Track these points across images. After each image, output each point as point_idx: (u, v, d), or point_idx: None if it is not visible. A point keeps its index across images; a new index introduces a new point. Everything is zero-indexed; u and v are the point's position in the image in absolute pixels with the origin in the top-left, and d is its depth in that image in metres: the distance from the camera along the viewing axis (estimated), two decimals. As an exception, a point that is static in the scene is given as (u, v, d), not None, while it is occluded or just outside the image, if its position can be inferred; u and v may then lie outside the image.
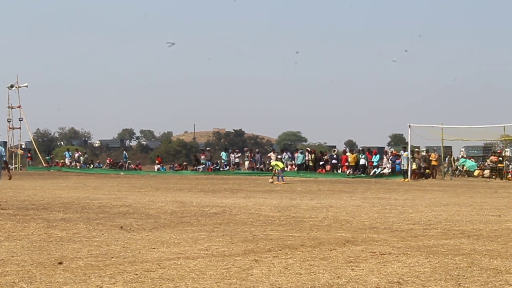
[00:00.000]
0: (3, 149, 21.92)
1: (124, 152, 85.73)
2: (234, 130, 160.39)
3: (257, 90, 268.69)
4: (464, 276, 10.68)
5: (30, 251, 12.99)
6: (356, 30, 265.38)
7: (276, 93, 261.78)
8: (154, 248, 13.48)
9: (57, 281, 9.93)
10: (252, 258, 12.27)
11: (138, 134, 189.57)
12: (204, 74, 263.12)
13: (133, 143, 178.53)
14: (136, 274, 10.56)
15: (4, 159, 21.85)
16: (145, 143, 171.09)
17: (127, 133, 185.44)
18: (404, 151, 53.12)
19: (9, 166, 22.89)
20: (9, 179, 22.85)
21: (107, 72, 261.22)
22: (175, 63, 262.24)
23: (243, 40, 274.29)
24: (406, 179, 50.32)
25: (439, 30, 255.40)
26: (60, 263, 8.69)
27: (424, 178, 52.26)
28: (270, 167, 52.94)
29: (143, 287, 9.49)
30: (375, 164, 56.09)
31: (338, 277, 10.45)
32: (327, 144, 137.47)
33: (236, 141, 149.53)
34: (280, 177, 45.34)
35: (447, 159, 55.84)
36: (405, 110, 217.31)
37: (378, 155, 56.98)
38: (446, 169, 55.28)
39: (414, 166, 52.53)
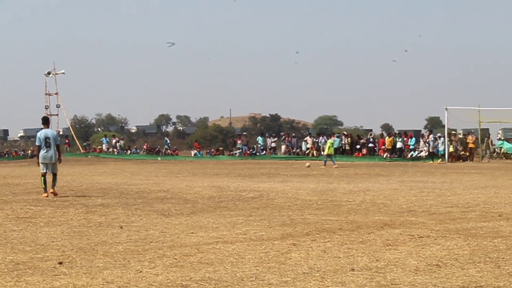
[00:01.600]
0: (56, 134, 21.93)
1: (166, 138, 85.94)
2: (270, 114, 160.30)
3: (292, 74, 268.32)
4: (503, 258, 10.61)
5: (70, 236, 13.08)
6: (396, 12, 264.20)
7: (311, 77, 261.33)
8: (192, 233, 13.51)
9: (97, 266, 9.99)
10: (290, 242, 12.27)
11: (174, 119, 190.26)
12: (238, 59, 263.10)
13: (170, 128, 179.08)
14: (175, 259, 10.59)
15: (58, 143, 21.72)
16: (181, 128, 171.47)
17: (164, 119, 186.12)
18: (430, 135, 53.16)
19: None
20: (59, 163, 22.48)
21: (143, 58, 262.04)
22: (211, 50, 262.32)
23: (277, 27, 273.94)
24: (431, 162, 49.99)
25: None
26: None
27: (461, 160, 51.96)
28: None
29: (182, 272, 9.51)
30: (411, 147, 55.84)
31: (376, 260, 10.42)
32: (363, 128, 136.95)
33: (272, 125, 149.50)
34: (326, 161, 45.12)
35: (484, 141, 55.42)
36: (442, 92, 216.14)
37: (414, 138, 56.72)
38: (484, 152, 54.87)
39: (451, 149, 52.25)
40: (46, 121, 22.22)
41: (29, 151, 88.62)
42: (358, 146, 59.40)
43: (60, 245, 12.06)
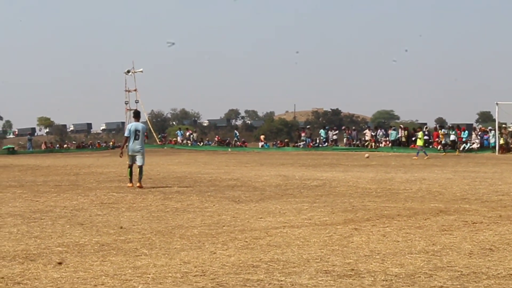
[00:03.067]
0: (144, 127, 21.74)
1: (235, 131, 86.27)
2: (331, 109, 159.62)
3: (352, 72, 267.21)
4: (553, 243, 10.46)
5: (149, 221, 13.19)
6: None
7: (370, 74, 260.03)
8: (261, 218, 13.54)
9: (175, 248, 10.06)
10: (352, 226, 12.23)
11: (243, 114, 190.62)
12: (304, 58, 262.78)
13: (239, 122, 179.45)
14: (246, 241, 10.63)
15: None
16: (249, 122, 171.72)
17: (233, 113, 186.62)
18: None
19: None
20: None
21: (215, 57, 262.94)
22: (279, 49, 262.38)
23: (336, 26, 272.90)
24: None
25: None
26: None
27: (511, 152, 51.22)
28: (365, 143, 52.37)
29: (252, 253, 9.53)
30: (464, 139, 55.22)
31: (433, 244, 10.33)
32: (418, 121, 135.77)
33: (333, 119, 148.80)
34: (418, 153, 44.67)
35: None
36: (493, 88, 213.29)
37: (467, 131, 56.07)
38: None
39: (501, 142, 51.55)
40: (137, 115, 21.93)
41: (111, 143, 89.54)
42: (414, 138, 58.87)
43: (140, 228, 12.18)
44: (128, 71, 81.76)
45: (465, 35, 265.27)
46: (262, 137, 78.55)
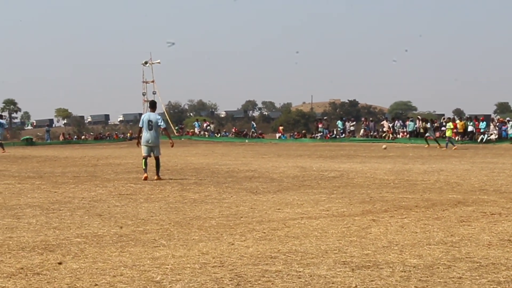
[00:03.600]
0: (160, 118, 21.43)
1: (252, 122, 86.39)
2: (348, 100, 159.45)
3: (368, 62, 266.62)
4: None
5: (167, 212, 13.22)
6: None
7: (386, 65, 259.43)
8: (279, 209, 13.54)
9: (193, 239, 10.08)
10: (370, 218, 12.21)
11: (260, 105, 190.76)
12: (319, 48, 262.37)
13: (256, 113, 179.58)
14: (264, 232, 10.63)
15: (163, 126, 21.23)
16: (266, 113, 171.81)
17: (250, 104, 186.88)
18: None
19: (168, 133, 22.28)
20: (172, 146, 22.61)
21: (232, 47, 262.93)
22: (294, 40, 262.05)
23: (353, 16, 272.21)
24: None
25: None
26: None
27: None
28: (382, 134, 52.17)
29: (271, 244, 9.53)
30: (482, 130, 55.00)
31: (451, 235, 10.30)
32: (436, 113, 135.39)
33: (350, 110, 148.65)
34: (447, 144, 44.55)
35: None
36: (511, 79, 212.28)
37: (485, 122, 55.85)
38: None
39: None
40: (153, 105, 21.67)
41: (128, 134, 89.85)
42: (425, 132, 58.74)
43: (158, 219, 12.20)
44: (146, 63, 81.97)
45: (484, 25, 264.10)
46: (280, 128, 78.64)
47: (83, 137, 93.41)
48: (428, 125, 49.30)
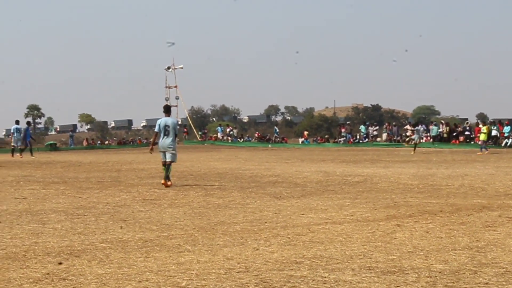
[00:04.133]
0: (175, 122, 21.12)
1: (275, 127, 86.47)
2: (371, 105, 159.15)
3: (391, 67, 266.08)
4: None
5: (192, 217, 13.22)
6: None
7: (410, 69, 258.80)
8: (303, 214, 13.52)
9: (218, 244, 10.08)
10: (395, 223, 12.17)
11: (282, 110, 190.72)
12: (342, 54, 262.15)
13: (278, 118, 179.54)
14: (289, 238, 10.62)
15: (176, 132, 20.70)
16: (289, 118, 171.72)
17: (273, 109, 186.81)
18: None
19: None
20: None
21: (254, 52, 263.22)
22: (316, 43, 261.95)
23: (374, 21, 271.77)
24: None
25: None
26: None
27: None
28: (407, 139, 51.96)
29: (295, 250, 9.52)
30: (506, 135, 54.67)
31: (477, 240, 10.25)
32: (459, 117, 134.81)
33: (373, 115, 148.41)
34: (482, 148, 44.28)
35: None
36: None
37: (509, 126, 55.49)
38: None
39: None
40: (167, 110, 20.97)
41: (152, 139, 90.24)
42: (455, 134, 58.52)
43: (183, 224, 12.22)
44: (169, 68, 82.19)
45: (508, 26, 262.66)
46: (305, 133, 78.64)
47: (106, 142, 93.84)
48: (420, 127, 49.12)
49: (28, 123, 51.35)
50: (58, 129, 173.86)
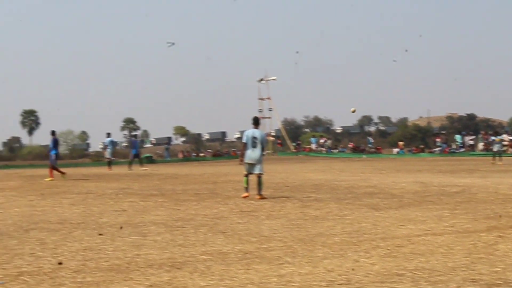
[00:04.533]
0: (263, 134, 21.07)
1: (368, 137, 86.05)
2: (466, 114, 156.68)
3: (485, 75, 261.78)
4: None
5: (290, 229, 13.20)
6: None
7: (504, 76, 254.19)
8: (402, 225, 13.37)
9: (317, 256, 10.04)
10: (496, 234, 11.93)
11: (376, 120, 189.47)
12: (436, 62, 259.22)
13: (372, 128, 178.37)
14: (388, 249, 10.51)
15: (264, 145, 20.53)
16: (383, 128, 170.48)
17: (366, 120, 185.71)
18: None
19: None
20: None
21: (346, 61, 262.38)
22: (412, 53, 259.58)
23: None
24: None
25: None
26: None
27: None
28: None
29: (396, 261, 9.42)
30: None
31: None
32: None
33: (468, 124, 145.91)
34: None
35: None
36: None
37: None
38: None
39: None
40: (256, 121, 20.85)
41: (240, 151, 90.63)
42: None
43: (281, 236, 12.21)
44: (261, 80, 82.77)
45: None
46: (401, 143, 77.89)
47: (201, 154, 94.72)
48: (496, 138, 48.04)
49: (135, 135, 52.46)
50: (153, 142, 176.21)
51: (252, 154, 20.36)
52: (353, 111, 35.50)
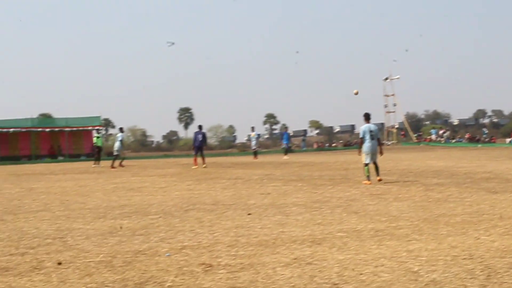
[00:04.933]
0: (376, 127, 20.90)
1: (483, 129, 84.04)
2: None
3: None
4: None
5: (415, 209, 13.00)
6: None
7: None
8: (518, 207, 12.95)
9: (442, 233, 9.84)
10: None
11: (489, 113, 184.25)
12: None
13: (486, 120, 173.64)
14: (506, 228, 10.18)
15: (378, 136, 20.64)
16: (496, 120, 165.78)
17: (481, 113, 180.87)
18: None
19: (383, 142, 21.56)
20: (381, 155, 21.00)
21: (457, 61, 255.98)
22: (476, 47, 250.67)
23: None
24: None
25: None
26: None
27: None
28: None
29: (515, 239, 9.13)
30: None
31: None
32: None
33: None
34: None
35: None
36: None
37: None
38: None
39: None
40: (368, 117, 20.63)
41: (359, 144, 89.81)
42: None
43: (408, 216, 12.03)
44: (386, 78, 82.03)
45: None
46: (512, 133, 75.60)
47: (333, 144, 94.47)
48: None
49: (286, 128, 53.39)
50: (291, 134, 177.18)
51: (371, 145, 20.46)
52: (356, 93, 34.65)
